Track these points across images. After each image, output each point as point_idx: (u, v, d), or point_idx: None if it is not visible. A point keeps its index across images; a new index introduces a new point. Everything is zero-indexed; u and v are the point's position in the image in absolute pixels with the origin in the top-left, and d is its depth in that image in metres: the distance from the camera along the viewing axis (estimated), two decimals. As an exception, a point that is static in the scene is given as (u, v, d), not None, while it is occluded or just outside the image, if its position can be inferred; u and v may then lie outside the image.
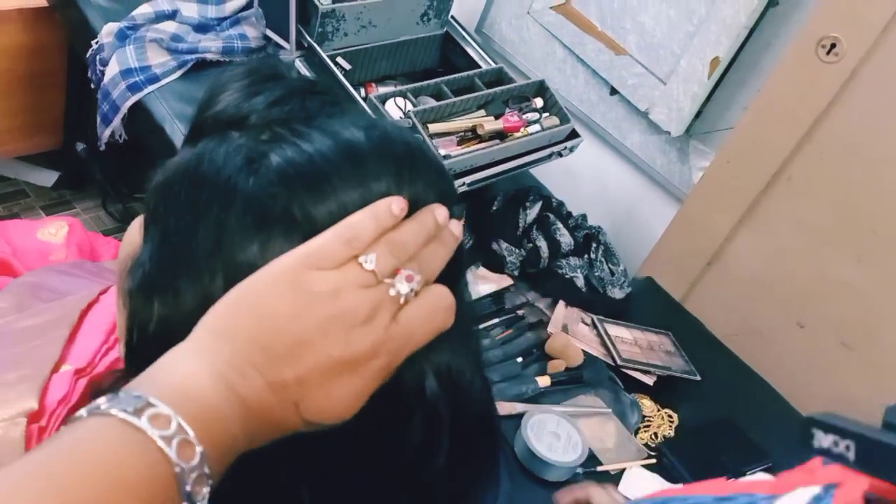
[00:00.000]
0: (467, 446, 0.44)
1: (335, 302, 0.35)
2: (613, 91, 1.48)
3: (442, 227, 0.40)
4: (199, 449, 0.31)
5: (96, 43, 1.44)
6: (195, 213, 0.38)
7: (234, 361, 0.34)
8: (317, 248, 0.36)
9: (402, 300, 0.37)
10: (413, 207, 0.39)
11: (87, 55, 1.46)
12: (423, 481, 0.42)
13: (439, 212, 0.40)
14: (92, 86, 1.48)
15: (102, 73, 1.42)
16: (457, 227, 0.41)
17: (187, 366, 0.34)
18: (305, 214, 0.37)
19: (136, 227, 0.44)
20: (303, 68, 1.35)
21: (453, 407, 0.41)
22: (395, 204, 0.38)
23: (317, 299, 0.35)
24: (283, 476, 0.39)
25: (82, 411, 0.32)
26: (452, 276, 0.41)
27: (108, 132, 1.43)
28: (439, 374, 0.40)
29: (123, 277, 0.42)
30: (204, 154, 0.40)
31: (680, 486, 1.02)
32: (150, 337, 0.39)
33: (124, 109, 1.39)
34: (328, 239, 0.36)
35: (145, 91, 1.38)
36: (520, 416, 1.03)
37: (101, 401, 0.32)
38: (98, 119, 1.44)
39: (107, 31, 1.43)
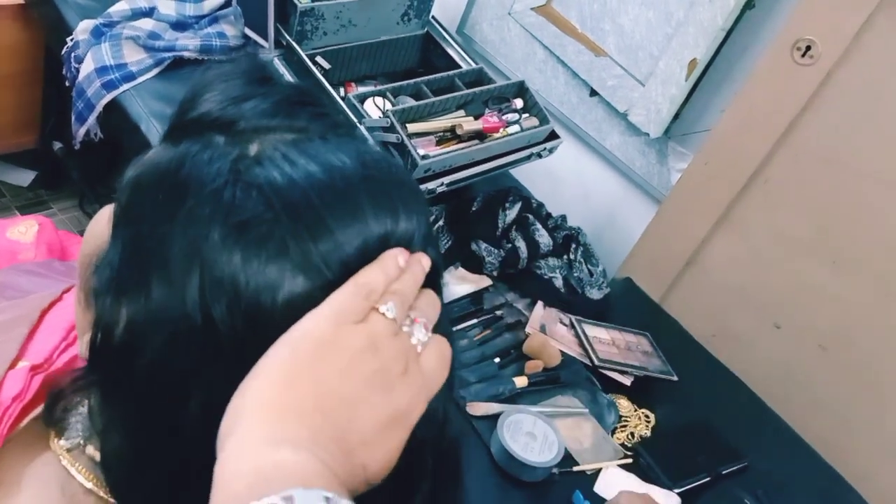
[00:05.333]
0: (441, 486, 0.44)
1: (375, 354, 0.36)
2: (593, 92, 1.48)
3: (426, 272, 0.41)
4: None
5: (71, 40, 1.43)
6: (173, 221, 0.37)
7: (315, 438, 0.34)
8: (340, 305, 0.36)
9: (419, 347, 0.38)
10: (406, 244, 0.40)
11: (62, 52, 1.45)
12: None
13: (425, 261, 0.41)
14: (67, 83, 1.46)
15: (77, 70, 1.41)
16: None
17: (284, 452, 0.32)
18: (300, 246, 0.37)
19: (103, 220, 0.42)
20: (281, 67, 1.34)
21: (433, 446, 0.42)
22: (402, 257, 0.39)
23: (359, 355, 0.35)
24: None
25: None
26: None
27: (82, 131, 1.42)
28: (428, 415, 0.40)
29: (87, 275, 0.41)
30: (186, 158, 0.39)
31: None
32: (115, 340, 0.38)
33: (99, 108, 1.38)
34: (349, 295, 0.37)
35: (121, 89, 1.37)
36: (496, 416, 1.03)
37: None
38: (73, 117, 1.43)
39: (82, 28, 1.41)
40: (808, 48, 1.13)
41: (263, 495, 0.29)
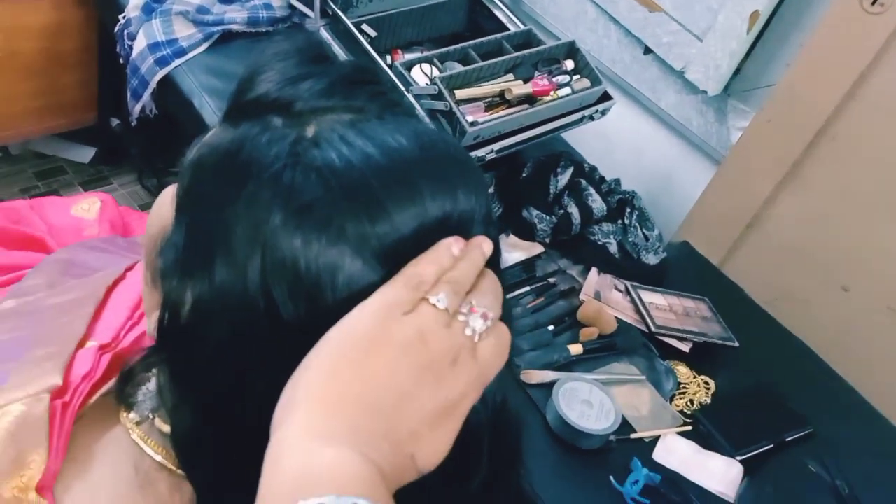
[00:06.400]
0: (499, 468, 0.44)
1: (424, 347, 0.36)
2: (647, 50, 1.43)
3: (487, 258, 0.40)
4: None
5: (123, 17, 1.45)
6: (235, 204, 0.38)
7: (360, 432, 0.34)
8: (389, 298, 0.36)
9: (476, 338, 0.37)
10: (466, 225, 0.40)
11: (115, 30, 1.47)
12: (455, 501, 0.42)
13: (486, 246, 0.40)
14: (121, 61, 1.49)
15: (131, 47, 1.43)
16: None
17: (329, 451, 0.33)
18: (358, 229, 0.37)
19: (167, 202, 0.43)
20: (327, 37, 1.33)
21: (493, 432, 0.42)
22: (455, 246, 0.38)
23: (407, 348, 0.35)
24: None
25: None
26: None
27: (138, 107, 1.44)
28: (484, 400, 0.40)
29: (153, 256, 0.42)
30: (245, 140, 0.39)
31: None
32: (182, 321, 0.39)
33: (153, 84, 1.40)
34: (398, 287, 0.37)
35: (173, 65, 1.38)
36: (551, 384, 1.02)
37: None
38: (128, 94, 1.45)
39: (133, 5, 1.43)
40: (880, -6, 1.07)
41: (300, 499, 0.30)
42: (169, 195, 0.43)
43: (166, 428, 0.48)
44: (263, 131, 0.39)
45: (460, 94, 1.19)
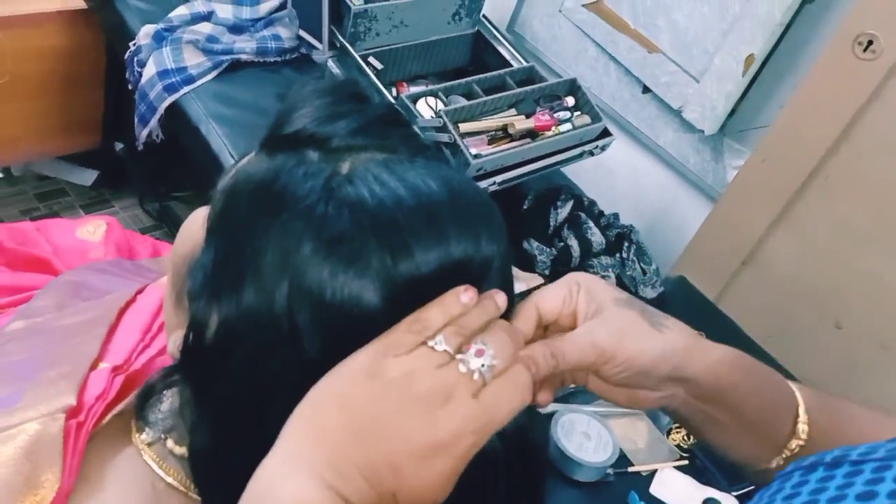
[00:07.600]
0: (520, 494, 0.45)
1: (411, 384, 0.36)
2: (646, 89, 1.47)
3: (501, 311, 0.41)
4: None
5: (134, 45, 1.47)
6: (267, 232, 0.39)
7: (332, 462, 0.35)
8: (389, 339, 0.37)
9: (475, 376, 0.37)
10: (485, 271, 0.41)
11: (126, 56, 1.50)
12: None
13: (499, 298, 0.41)
14: (130, 87, 1.51)
15: (140, 74, 1.45)
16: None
17: (292, 482, 0.34)
18: (383, 266, 0.38)
19: (198, 223, 0.44)
20: (335, 68, 1.36)
21: (512, 461, 0.42)
22: (465, 294, 0.39)
23: (392, 384, 0.36)
24: None
25: None
26: None
27: (145, 132, 1.46)
28: (503, 432, 0.40)
29: (181, 275, 0.43)
30: (281, 171, 0.41)
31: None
32: (207, 341, 0.40)
33: (161, 110, 1.42)
34: (399, 330, 0.38)
35: (181, 91, 1.41)
36: (550, 415, 1.03)
37: None
38: (136, 119, 1.47)
39: (144, 33, 1.46)
40: (871, 42, 1.10)
41: None
42: (200, 217, 0.44)
43: (178, 450, 0.49)
44: (299, 164, 0.41)
45: (464, 127, 1.21)
